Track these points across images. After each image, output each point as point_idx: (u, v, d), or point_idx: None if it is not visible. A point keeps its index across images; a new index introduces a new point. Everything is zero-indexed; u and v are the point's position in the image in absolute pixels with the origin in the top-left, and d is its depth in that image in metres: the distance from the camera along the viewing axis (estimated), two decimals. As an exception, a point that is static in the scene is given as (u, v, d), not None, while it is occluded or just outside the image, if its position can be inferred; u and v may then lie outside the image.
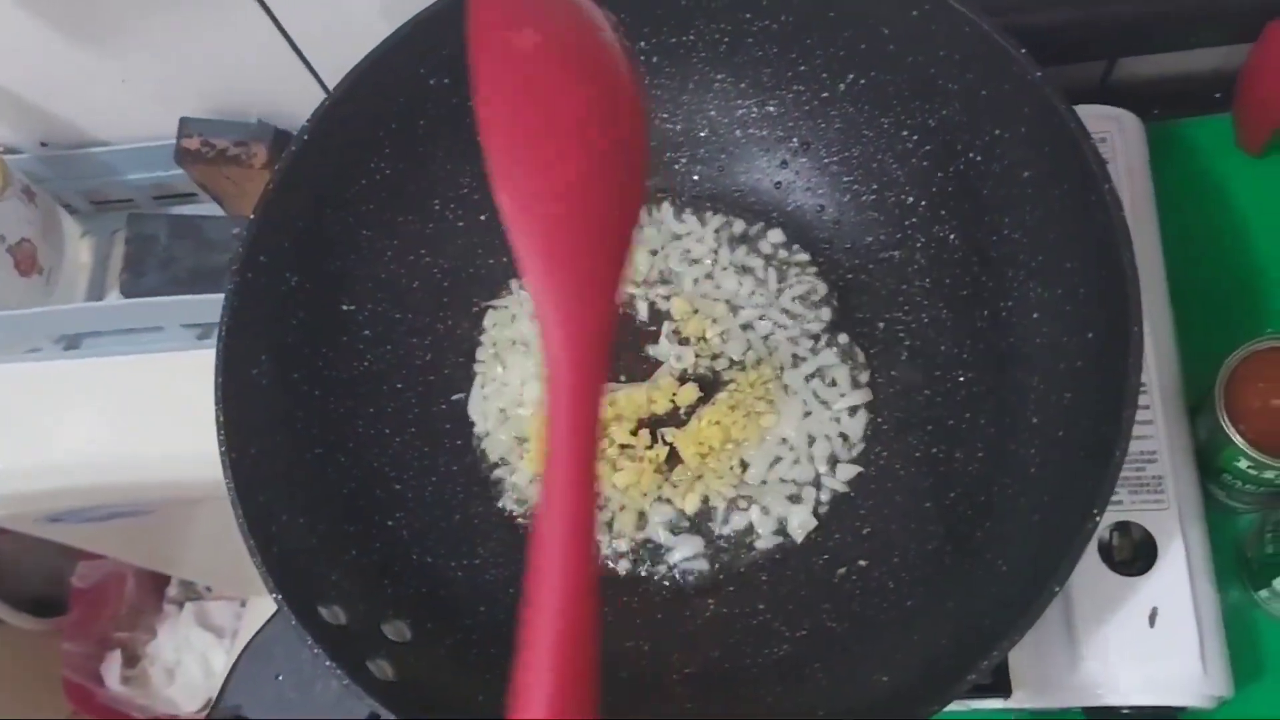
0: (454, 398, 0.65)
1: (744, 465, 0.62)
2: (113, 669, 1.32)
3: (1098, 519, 0.45)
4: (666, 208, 0.67)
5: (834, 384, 0.62)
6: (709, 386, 0.63)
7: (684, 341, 0.64)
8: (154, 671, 1.31)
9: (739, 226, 0.66)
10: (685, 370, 0.63)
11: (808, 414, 0.62)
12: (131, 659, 1.34)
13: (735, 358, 0.63)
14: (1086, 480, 0.47)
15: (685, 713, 0.56)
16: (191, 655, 1.29)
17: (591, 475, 0.33)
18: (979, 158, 0.57)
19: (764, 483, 0.61)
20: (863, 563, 0.58)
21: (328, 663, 0.49)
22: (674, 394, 0.62)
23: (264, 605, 0.57)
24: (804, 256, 0.65)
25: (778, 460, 0.61)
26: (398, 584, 0.58)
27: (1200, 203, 0.69)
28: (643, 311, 0.65)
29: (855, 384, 0.62)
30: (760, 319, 0.64)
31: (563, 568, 0.33)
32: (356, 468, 0.60)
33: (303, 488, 0.57)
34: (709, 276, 0.65)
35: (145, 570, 1.33)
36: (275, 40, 0.68)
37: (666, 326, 0.64)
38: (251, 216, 0.55)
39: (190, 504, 0.96)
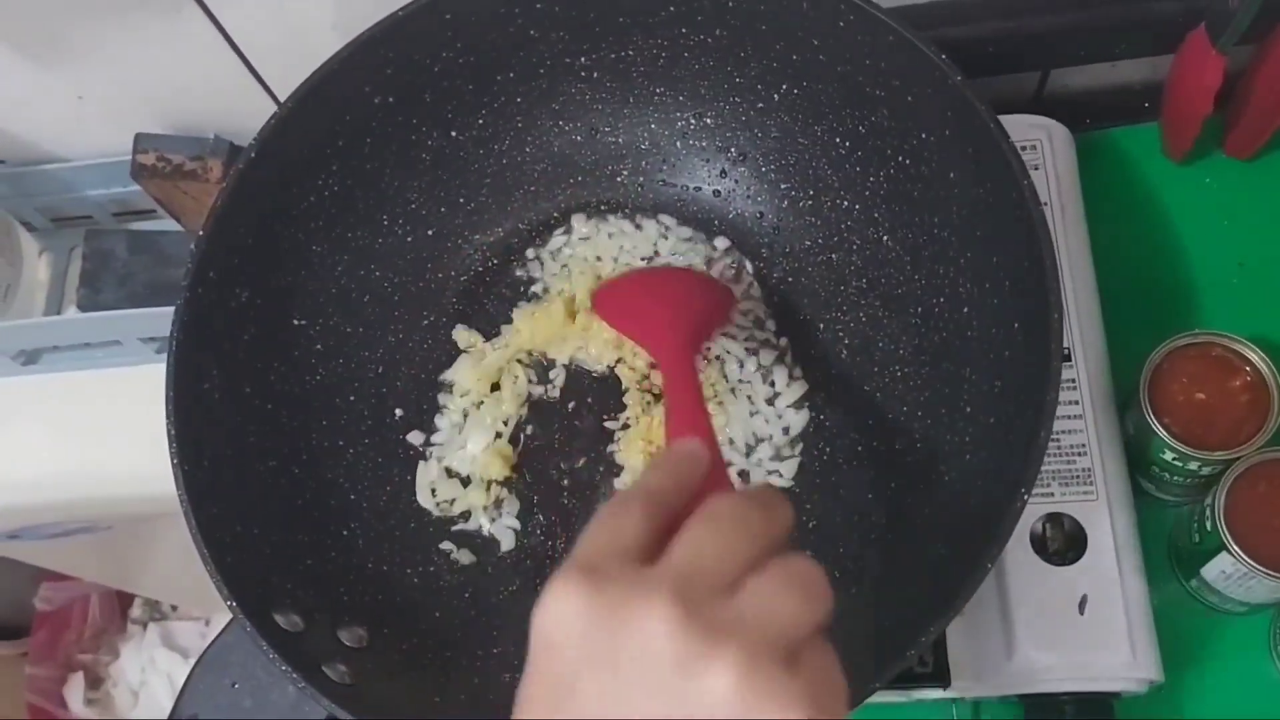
0: (403, 411, 0.66)
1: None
2: (76, 691, 1.31)
3: (1025, 498, 0.47)
4: (612, 219, 0.68)
5: (774, 383, 0.63)
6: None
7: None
8: (118, 693, 1.31)
9: (684, 233, 0.68)
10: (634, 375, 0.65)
11: (754, 413, 0.63)
12: (95, 681, 1.33)
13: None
14: (1015, 463, 0.48)
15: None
16: (156, 676, 1.29)
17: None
18: (908, 161, 0.59)
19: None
20: (808, 554, 0.59)
21: (283, 667, 0.50)
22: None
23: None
24: (747, 262, 0.67)
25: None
26: (353, 591, 0.59)
27: (1128, 209, 0.71)
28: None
29: (794, 380, 0.63)
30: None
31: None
32: (310, 479, 0.61)
33: (257, 499, 0.58)
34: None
35: (109, 591, 1.33)
36: (228, 56, 0.69)
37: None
38: (201, 232, 0.56)
39: (152, 520, 0.96)
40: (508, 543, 0.63)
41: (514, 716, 0.33)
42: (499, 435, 0.64)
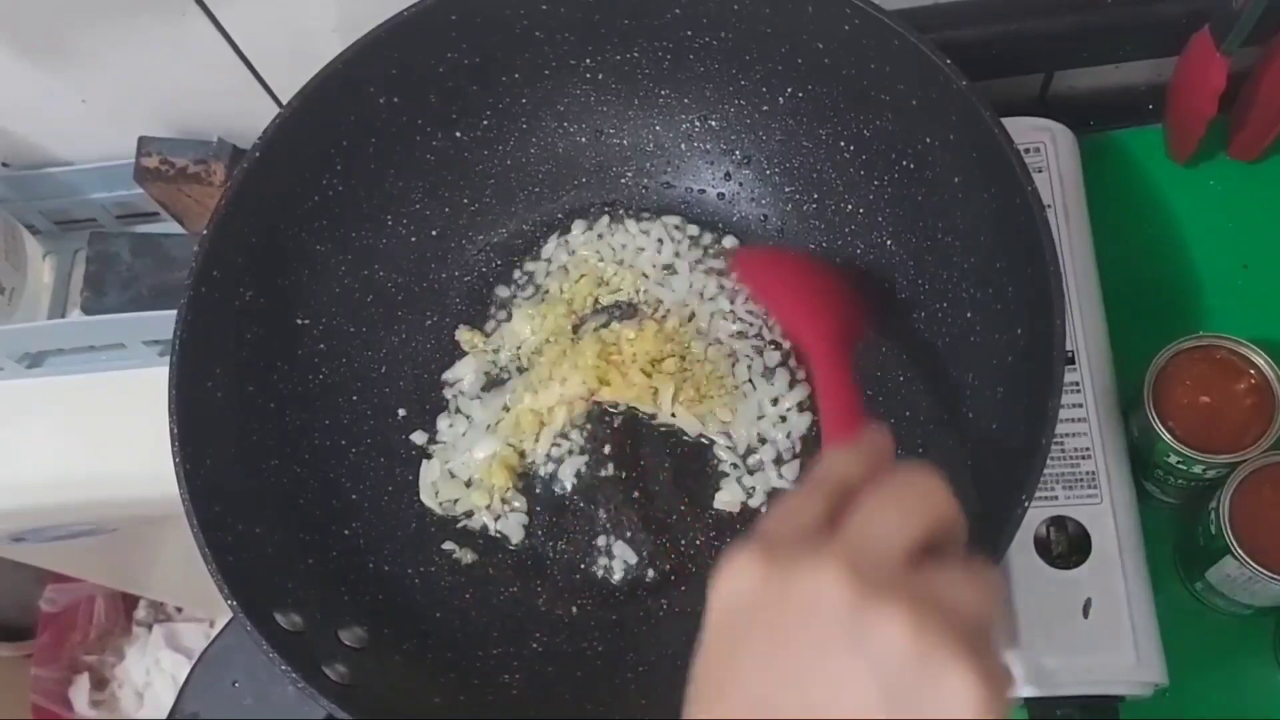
0: (406, 411, 0.66)
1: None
2: (81, 693, 1.31)
3: (1027, 503, 0.47)
4: (622, 218, 0.69)
5: (777, 385, 0.63)
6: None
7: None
8: (123, 694, 1.31)
9: (692, 230, 0.68)
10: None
11: (760, 416, 0.63)
12: (100, 682, 1.33)
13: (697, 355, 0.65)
14: (1018, 468, 0.48)
15: (641, 710, 0.57)
16: (161, 677, 1.29)
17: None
18: (912, 165, 0.59)
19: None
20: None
21: (282, 666, 0.50)
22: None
23: (233, 625, 0.58)
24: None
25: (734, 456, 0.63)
26: (354, 591, 0.59)
27: (1132, 211, 0.71)
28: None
29: (797, 383, 0.63)
30: (715, 318, 0.66)
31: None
32: (312, 478, 0.61)
33: (258, 498, 0.58)
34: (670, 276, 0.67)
35: (114, 593, 1.33)
36: (231, 60, 0.70)
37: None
38: (205, 231, 0.57)
39: (156, 522, 0.96)
40: (517, 537, 0.63)
41: (691, 687, 0.34)
42: (509, 445, 0.64)
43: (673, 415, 0.63)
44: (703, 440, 0.63)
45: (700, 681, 0.34)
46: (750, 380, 0.64)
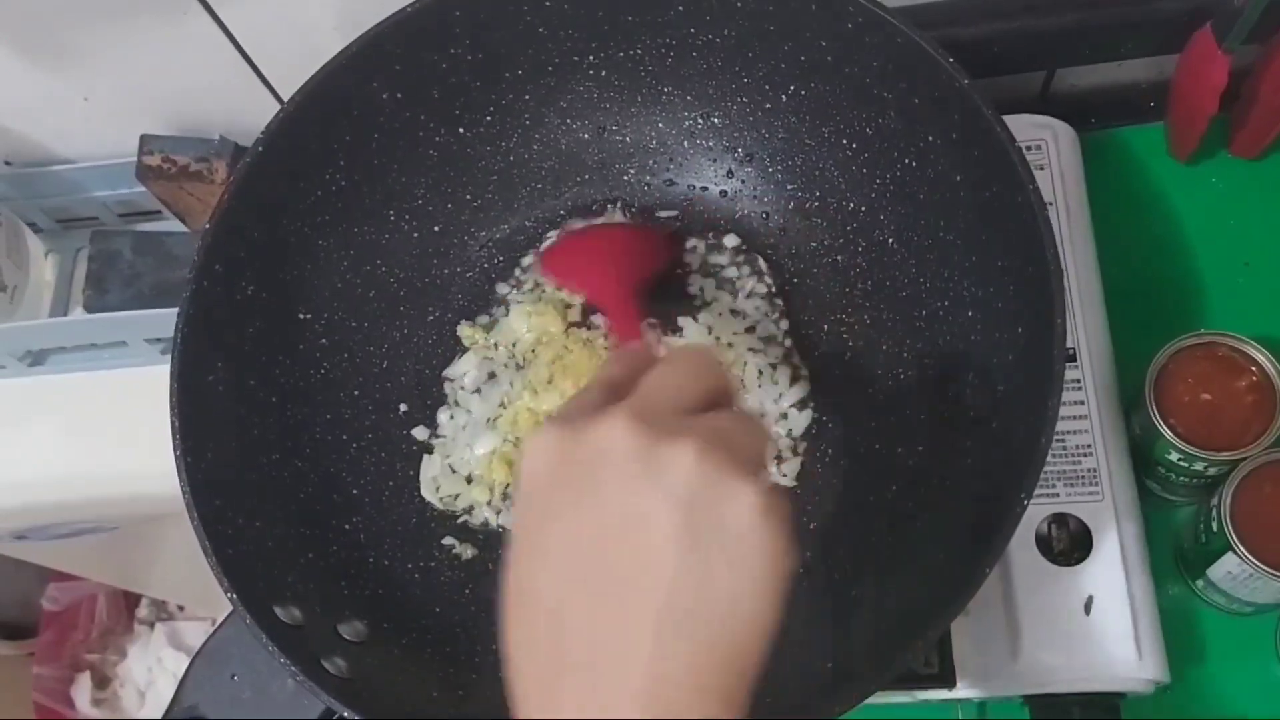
0: (407, 406, 0.66)
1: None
2: (83, 691, 1.31)
3: (1026, 503, 0.47)
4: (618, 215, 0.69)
5: (778, 382, 0.63)
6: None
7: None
8: (125, 693, 1.31)
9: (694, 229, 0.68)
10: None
11: (761, 415, 0.63)
12: (102, 681, 1.33)
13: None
14: (1018, 465, 0.48)
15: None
16: (163, 676, 1.30)
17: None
18: (914, 163, 0.59)
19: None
20: (809, 555, 0.59)
21: (282, 660, 0.50)
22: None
23: (236, 623, 0.58)
24: (759, 261, 0.66)
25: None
26: (354, 585, 0.59)
27: (1133, 208, 0.71)
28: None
29: (797, 380, 0.63)
30: (719, 317, 0.65)
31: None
32: (313, 472, 0.61)
33: (259, 492, 0.58)
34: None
35: (116, 591, 1.33)
36: (233, 58, 0.70)
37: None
38: (207, 225, 0.57)
39: (158, 520, 0.96)
40: None
41: (508, 550, 0.37)
42: (507, 441, 0.64)
43: None
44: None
45: (518, 550, 0.37)
46: (754, 379, 0.64)
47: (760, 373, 0.63)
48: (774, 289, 0.65)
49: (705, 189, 0.68)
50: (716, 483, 0.34)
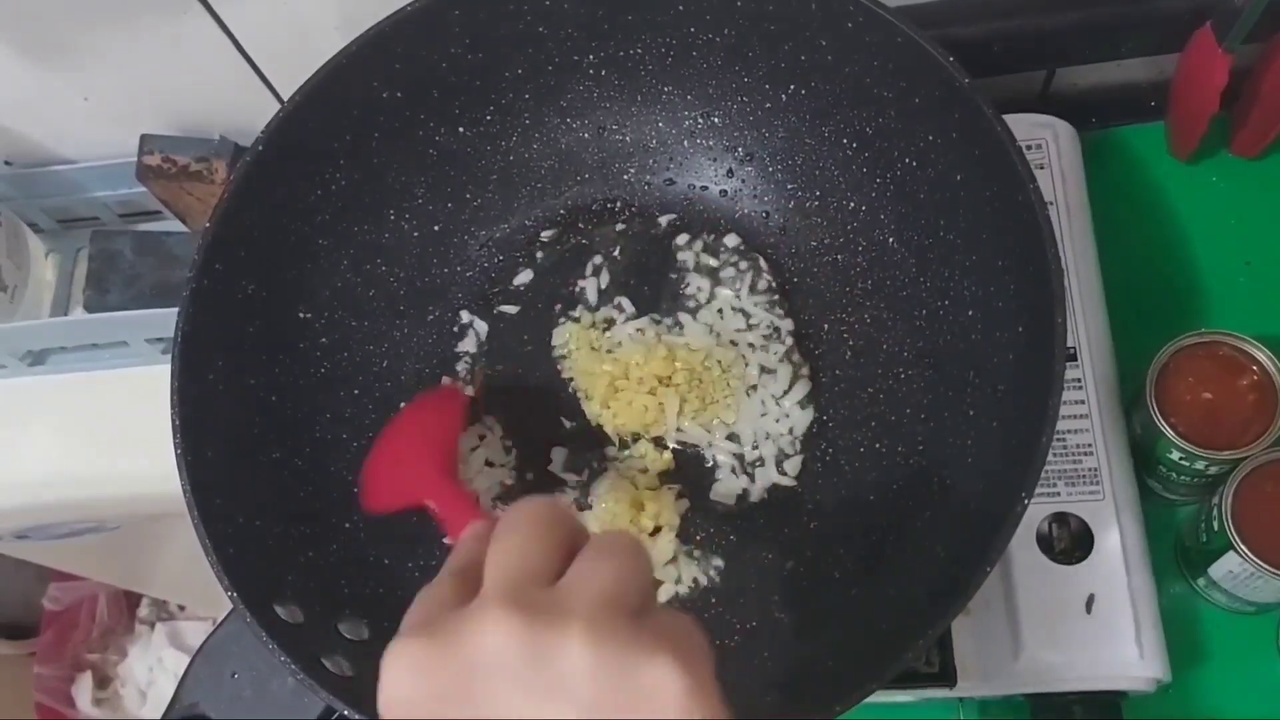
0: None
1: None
2: (84, 691, 1.31)
3: (1027, 502, 0.47)
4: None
5: (778, 382, 0.63)
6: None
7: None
8: (126, 693, 1.31)
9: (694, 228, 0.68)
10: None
11: (763, 414, 0.63)
12: (103, 680, 1.33)
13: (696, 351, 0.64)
14: (1018, 466, 0.48)
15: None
16: (164, 675, 1.30)
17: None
18: (914, 163, 0.59)
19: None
20: (810, 554, 0.59)
21: (282, 658, 0.50)
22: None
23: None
24: (759, 260, 0.66)
25: (732, 455, 0.63)
26: (354, 584, 0.59)
27: (1134, 208, 0.71)
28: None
29: (799, 379, 0.63)
30: (720, 317, 0.65)
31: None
32: (314, 471, 0.61)
33: (260, 490, 0.58)
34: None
35: (116, 591, 1.33)
36: (233, 58, 0.70)
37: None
38: (207, 225, 0.57)
39: (159, 520, 0.96)
40: None
41: None
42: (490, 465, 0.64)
43: (679, 430, 0.63)
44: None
45: None
46: (755, 378, 0.64)
47: (761, 372, 0.63)
48: (774, 288, 0.65)
49: (705, 188, 0.68)
50: (621, 664, 0.29)
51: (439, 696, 0.30)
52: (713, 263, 0.66)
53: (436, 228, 0.67)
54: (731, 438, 0.63)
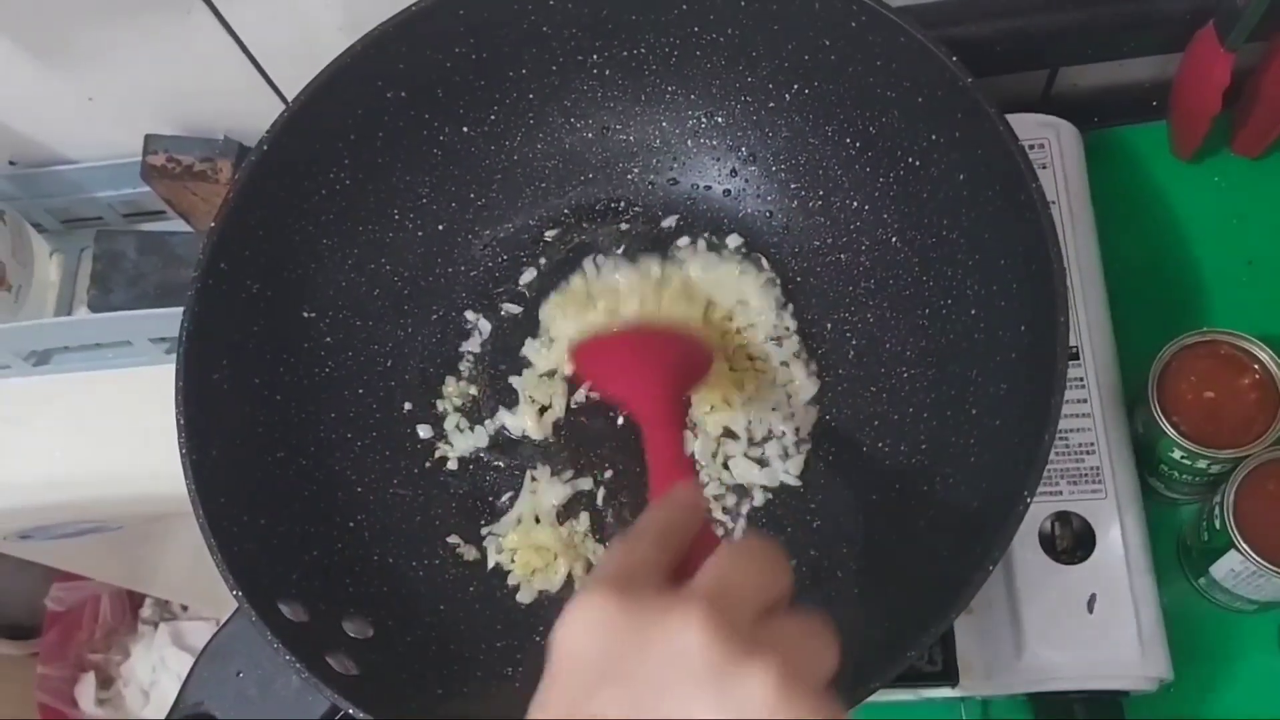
0: (411, 405, 0.66)
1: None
2: (87, 691, 1.32)
3: (1029, 501, 0.47)
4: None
5: (782, 381, 0.63)
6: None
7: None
8: (129, 693, 1.31)
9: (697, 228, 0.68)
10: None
11: (774, 409, 0.63)
12: (106, 680, 1.34)
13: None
14: (1021, 464, 0.48)
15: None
16: (167, 675, 1.30)
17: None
18: (917, 162, 0.59)
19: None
20: (813, 553, 0.60)
21: (287, 657, 0.50)
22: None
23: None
24: (762, 260, 0.67)
25: (731, 456, 0.63)
26: (359, 583, 0.59)
27: (1136, 207, 0.71)
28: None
29: (805, 378, 0.63)
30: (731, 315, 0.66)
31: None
32: (318, 470, 0.61)
33: (264, 489, 0.58)
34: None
35: (120, 591, 1.33)
36: (237, 57, 0.70)
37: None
38: (212, 224, 0.57)
39: (162, 520, 0.97)
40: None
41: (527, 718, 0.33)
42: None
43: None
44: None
45: (540, 711, 0.33)
46: (758, 378, 0.64)
47: (764, 372, 0.64)
48: (778, 288, 0.65)
49: (709, 188, 0.68)
50: (789, 711, 0.31)
51: (612, 659, 0.32)
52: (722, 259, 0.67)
53: (440, 227, 0.67)
54: (734, 435, 0.63)
